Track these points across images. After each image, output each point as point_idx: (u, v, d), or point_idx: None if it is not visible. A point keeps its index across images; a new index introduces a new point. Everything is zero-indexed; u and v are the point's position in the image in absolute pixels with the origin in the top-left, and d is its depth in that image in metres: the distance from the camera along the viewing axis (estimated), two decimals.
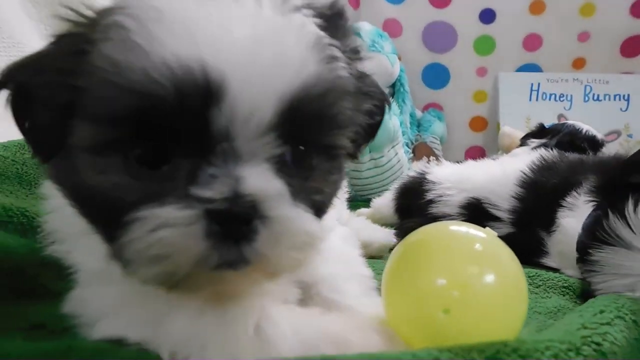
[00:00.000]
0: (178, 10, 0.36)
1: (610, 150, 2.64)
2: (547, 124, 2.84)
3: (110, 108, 0.36)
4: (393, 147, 2.21)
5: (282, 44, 0.37)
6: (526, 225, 0.91)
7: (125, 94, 0.34)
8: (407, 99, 2.65)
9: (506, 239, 0.44)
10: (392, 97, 2.62)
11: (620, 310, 0.51)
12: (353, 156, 0.49)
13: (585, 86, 2.84)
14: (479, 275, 0.41)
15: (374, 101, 0.49)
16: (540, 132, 1.94)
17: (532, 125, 2.79)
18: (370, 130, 0.50)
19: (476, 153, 2.98)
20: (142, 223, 0.35)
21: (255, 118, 0.36)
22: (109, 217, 0.38)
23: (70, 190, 0.42)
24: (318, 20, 0.43)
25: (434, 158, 2.20)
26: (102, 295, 0.44)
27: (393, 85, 2.62)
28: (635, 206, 0.61)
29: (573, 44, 2.75)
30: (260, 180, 0.36)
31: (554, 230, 0.84)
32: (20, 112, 0.42)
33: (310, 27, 0.41)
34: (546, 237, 0.87)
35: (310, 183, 0.42)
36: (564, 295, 0.72)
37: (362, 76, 0.47)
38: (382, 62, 2.34)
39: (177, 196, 0.35)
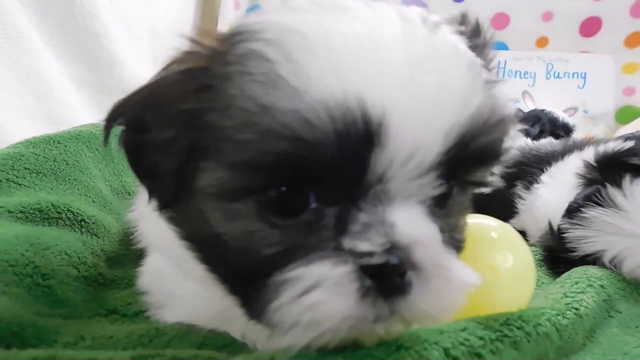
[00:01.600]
0: (323, 34, 0.31)
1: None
2: (513, 101, 3.01)
3: (251, 153, 0.30)
4: None
5: (443, 69, 0.32)
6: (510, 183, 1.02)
7: (272, 139, 0.29)
8: None
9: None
10: None
11: (589, 280, 0.64)
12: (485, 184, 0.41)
13: (548, 64, 3.01)
14: (502, 259, 0.52)
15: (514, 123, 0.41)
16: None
17: None
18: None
19: None
20: (291, 285, 0.30)
21: (417, 158, 0.31)
22: (241, 270, 0.34)
23: (193, 237, 0.38)
24: (467, 42, 0.37)
25: None
26: (178, 290, 0.50)
27: None
28: (632, 179, 0.73)
29: (538, 23, 2.89)
30: (415, 226, 0.31)
31: (533, 194, 0.96)
32: (135, 149, 0.38)
33: (463, 46, 0.35)
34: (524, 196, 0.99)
35: (449, 219, 0.38)
36: (540, 267, 0.85)
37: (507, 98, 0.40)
38: None
39: (326, 249, 0.31)
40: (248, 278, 0.34)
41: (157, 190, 0.38)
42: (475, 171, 0.37)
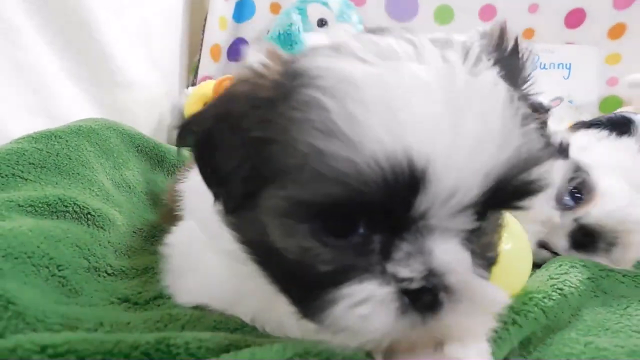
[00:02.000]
0: (375, 85, 0.34)
1: (555, 115, 2.91)
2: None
3: (307, 193, 0.34)
4: None
5: (482, 113, 0.34)
6: None
7: (328, 183, 0.33)
8: None
9: None
10: None
11: (572, 262, 0.68)
12: None
13: (534, 56, 3.07)
14: (502, 244, 0.55)
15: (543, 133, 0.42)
16: None
17: None
18: None
19: None
20: (345, 298, 0.35)
21: (456, 198, 0.34)
22: (295, 278, 0.39)
23: (251, 243, 0.42)
24: (498, 66, 0.39)
25: None
26: (200, 259, 0.54)
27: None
28: None
29: (524, 15, 2.93)
30: (451, 255, 0.35)
31: None
32: (205, 161, 0.42)
33: (500, 84, 0.37)
34: None
35: (483, 239, 0.41)
36: None
37: (534, 110, 0.41)
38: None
39: (374, 272, 0.35)
40: (301, 287, 0.38)
41: (224, 198, 0.42)
42: (511, 206, 0.40)
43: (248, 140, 0.38)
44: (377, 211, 0.35)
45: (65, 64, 1.46)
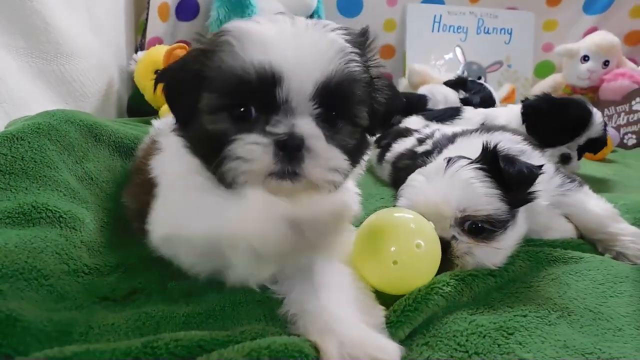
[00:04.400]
0: (259, 32, 0.61)
1: (492, 79, 3.10)
2: (446, 55, 3.18)
3: (222, 85, 0.61)
4: None
5: (317, 51, 0.61)
6: None
7: (230, 78, 0.60)
8: None
9: None
10: None
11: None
12: (370, 132, 0.73)
13: (479, 19, 3.18)
14: (414, 243, 0.70)
15: (384, 94, 0.71)
16: (459, 82, 2.33)
17: (433, 59, 3.13)
18: (384, 116, 0.73)
19: None
20: (239, 142, 0.59)
21: (302, 92, 0.60)
22: (217, 147, 0.61)
23: (193, 140, 0.68)
24: (348, 38, 0.65)
25: None
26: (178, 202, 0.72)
27: (311, 16, 2.72)
28: None
29: None
30: (306, 126, 0.59)
31: None
32: (172, 95, 0.68)
33: (339, 41, 0.63)
34: None
35: (339, 135, 0.65)
36: None
37: (377, 77, 0.70)
38: None
39: (258, 131, 0.60)
40: (218, 150, 0.61)
41: (180, 118, 0.69)
42: (344, 108, 0.64)
43: (194, 74, 0.64)
44: (260, 99, 0.60)
45: (6, 39, 1.42)
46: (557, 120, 1.48)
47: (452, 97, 2.28)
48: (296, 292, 0.67)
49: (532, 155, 1.02)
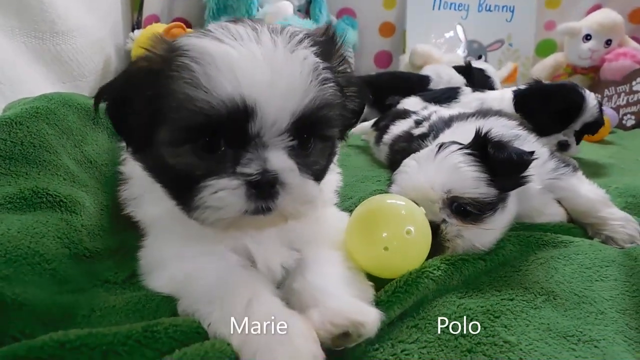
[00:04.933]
0: (223, 54, 0.55)
1: (493, 58, 3.07)
2: (447, 33, 3.14)
3: (185, 122, 0.56)
4: None
5: (291, 76, 0.56)
6: None
7: (196, 115, 0.54)
8: (323, 8, 2.74)
9: None
10: (309, 8, 2.70)
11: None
12: (342, 138, 0.73)
13: None
14: (404, 229, 0.72)
15: (354, 101, 0.70)
16: (466, 71, 2.33)
17: (433, 37, 3.09)
18: (354, 118, 0.72)
19: (384, 57, 3.26)
20: (208, 189, 0.56)
21: (276, 125, 0.56)
22: (181, 184, 0.59)
23: (154, 169, 0.64)
24: (317, 50, 0.60)
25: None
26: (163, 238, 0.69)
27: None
28: None
29: None
30: (279, 161, 0.57)
31: None
32: (118, 119, 0.62)
33: (310, 58, 0.59)
34: None
35: (311, 158, 0.63)
36: None
37: (348, 83, 0.67)
38: None
39: (228, 172, 0.56)
40: (185, 188, 0.59)
41: (132, 142, 0.64)
42: (318, 132, 0.62)
43: (145, 98, 0.58)
44: (230, 134, 0.56)
45: (1, 20, 1.41)
46: (549, 108, 1.47)
47: (458, 79, 2.27)
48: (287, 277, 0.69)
49: (527, 140, 1.03)
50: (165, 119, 0.57)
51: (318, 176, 0.66)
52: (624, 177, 1.46)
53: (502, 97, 1.67)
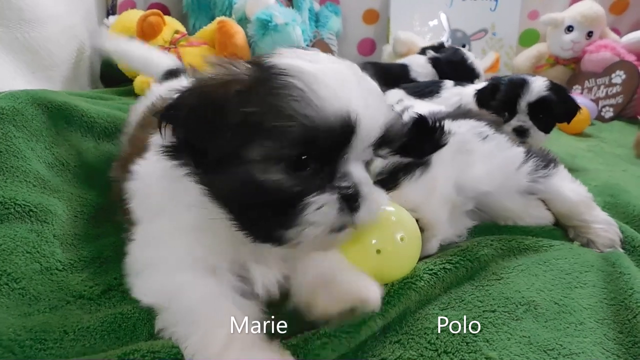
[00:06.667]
0: (321, 73, 0.56)
1: (477, 47, 3.06)
2: (430, 21, 3.12)
3: (293, 136, 0.54)
4: None
5: (374, 92, 0.61)
6: None
7: (307, 130, 0.53)
8: None
9: None
10: None
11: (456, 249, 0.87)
12: None
13: None
14: (395, 235, 0.72)
15: None
16: (438, 48, 2.30)
17: (417, 25, 3.06)
18: None
19: (367, 45, 3.22)
20: (313, 205, 0.56)
21: (368, 139, 0.58)
22: (265, 200, 0.56)
23: (225, 187, 0.59)
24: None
25: (331, 54, 2.41)
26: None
27: None
28: None
29: None
30: (359, 172, 0.59)
31: None
32: (197, 138, 0.57)
33: (370, 79, 0.63)
34: None
35: (369, 167, 0.66)
36: None
37: None
38: None
39: (324, 188, 0.57)
40: (271, 208, 0.57)
41: (204, 164, 0.59)
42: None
43: (241, 115, 0.54)
44: (328, 149, 0.56)
45: None
46: (496, 97, 1.52)
47: (426, 67, 2.23)
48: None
49: (495, 138, 1.01)
50: (261, 133, 0.55)
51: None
52: (603, 173, 1.48)
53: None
